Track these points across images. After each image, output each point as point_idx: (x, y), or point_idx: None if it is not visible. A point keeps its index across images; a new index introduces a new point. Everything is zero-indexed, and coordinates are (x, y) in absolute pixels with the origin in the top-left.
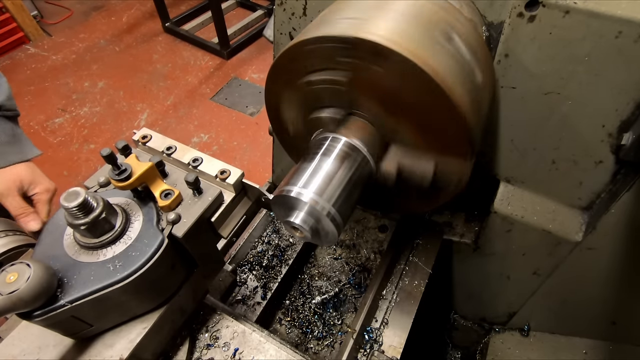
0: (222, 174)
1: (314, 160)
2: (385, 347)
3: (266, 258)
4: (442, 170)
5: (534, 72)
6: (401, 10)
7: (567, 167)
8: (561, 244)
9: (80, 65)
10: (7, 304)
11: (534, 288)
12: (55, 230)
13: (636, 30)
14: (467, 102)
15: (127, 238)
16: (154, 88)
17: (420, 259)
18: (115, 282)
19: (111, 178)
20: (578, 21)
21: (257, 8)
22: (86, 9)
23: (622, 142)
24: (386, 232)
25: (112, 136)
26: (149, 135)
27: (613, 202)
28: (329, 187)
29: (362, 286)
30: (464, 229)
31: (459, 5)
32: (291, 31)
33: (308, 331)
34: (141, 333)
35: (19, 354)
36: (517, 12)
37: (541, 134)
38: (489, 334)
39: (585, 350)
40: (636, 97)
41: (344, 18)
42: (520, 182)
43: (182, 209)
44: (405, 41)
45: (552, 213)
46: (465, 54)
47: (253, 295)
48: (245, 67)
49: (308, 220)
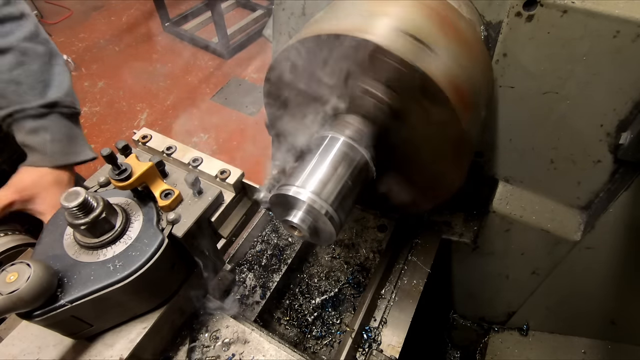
0: (222, 173)
1: (312, 160)
2: (383, 346)
3: (265, 257)
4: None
5: (532, 71)
6: (399, 9)
7: (566, 167)
8: (560, 244)
9: (80, 65)
10: (7, 303)
11: (533, 287)
12: (55, 230)
13: (634, 29)
14: (461, 103)
15: (127, 238)
16: (153, 88)
17: (419, 258)
18: (115, 282)
19: (111, 178)
20: (576, 21)
21: (257, 8)
22: (86, 8)
23: (620, 141)
24: (385, 232)
25: (112, 136)
26: (149, 135)
27: (611, 201)
28: (327, 186)
29: (361, 285)
30: (463, 229)
31: (457, 5)
32: (290, 31)
33: (307, 330)
34: (141, 333)
35: (19, 354)
36: (515, 11)
37: (539, 133)
38: (488, 333)
39: (584, 350)
40: (634, 97)
41: (342, 17)
42: (519, 182)
43: (182, 209)
44: (401, 40)
45: (551, 212)
46: (462, 53)
47: (252, 294)
48: (245, 67)
49: (306, 220)
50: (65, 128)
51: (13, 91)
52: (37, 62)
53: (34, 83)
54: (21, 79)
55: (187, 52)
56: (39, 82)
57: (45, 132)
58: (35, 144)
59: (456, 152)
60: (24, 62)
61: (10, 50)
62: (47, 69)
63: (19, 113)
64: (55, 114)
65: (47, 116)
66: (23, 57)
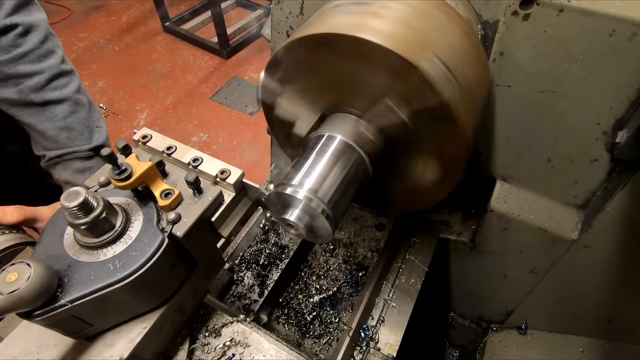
0: (222, 173)
1: (309, 159)
2: (381, 344)
3: (263, 256)
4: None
5: (529, 70)
6: (395, 8)
7: (563, 166)
8: (557, 242)
9: (79, 65)
10: (7, 303)
11: (531, 286)
12: (55, 229)
13: (630, 28)
14: (457, 100)
15: (127, 238)
16: (153, 87)
17: (417, 257)
18: (115, 281)
19: (111, 178)
20: (572, 19)
21: (256, 8)
22: (86, 8)
23: (616, 140)
24: (383, 231)
25: (112, 136)
26: (149, 135)
27: (608, 200)
28: (323, 185)
29: (359, 284)
30: (461, 228)
31: (454, 4)
32: (288, 30)
33: (305, 329)
34: (141, 333)
35: (19, 354)
36: (512, 10)
37: (537, 132)
38: (486, 332)
39: (582, 349)
40: (630, 95)
41: (339, 16)
42: (516, 181)
43: (182, 208)
44: (397, 39)
45: (548, 211)
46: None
47: (250, 293)
48: (244, 67)
49: (303, 218)
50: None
51: (66, 137)
52: (84, 110)
53: (82, 129)
54: (73, 125)
55: (186, 52)
56: (87, 129)
57: (91, 172)
58: (80, 182)
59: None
60: (75, 111)
61: (66, 101)
62: (90, 116)
63: (69, 154)
64: (98, 156)
65: (93, 158)
66: (75, 106)
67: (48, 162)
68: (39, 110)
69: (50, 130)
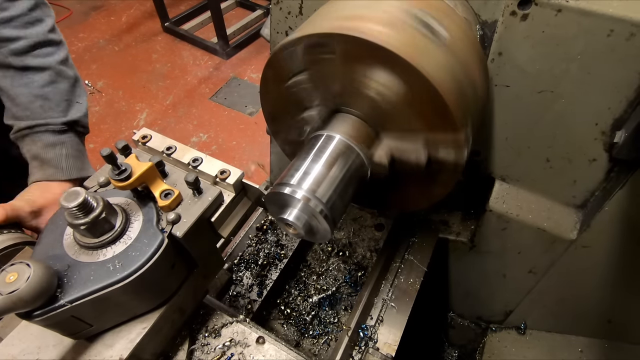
0: (222, 174)
1: (307, 159)
2: (380, 344)
3: (262, 256)
4: (436, 153)
5: (527, 70)
6: (391, 7)
7: (561, 165)
8: (556, 242)
9: (79, 65)
10: (7, 303)
11: (530, 286)
12: (55, 230)
13: (628, 28)
14: (450, 88)
15: (127, 238)
16: (153, 88)
17: (416, 257)
18: (115, 282)
19: (111, 178)
20: (570, 19)
21: (256, 8)
22: (85, 8)
23: (614, 140)
24: (382, 231)
25: (112, 136)
26: (149, 135)
27: (607, 199)
28: (322, 184)
29: (358, 284)
30: (460, 228)
31: (453, 4)
32: (287, 30)
33: (304, 329)
34: (141, 333)
35: (19, 354)
36: (510, 10)
37: (535, 132)
38: (485, 332)
39: (581, 349)
40: (628, 95)
41: (336, 15)
42: (515, 181)
43: (182, 209)
44: (394, 38)
45: (547, 211)
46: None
47: (249, 293)
48: (244, 67)
49: (301, 217)
50: (78, 145)
51: (39, 106)
52: (66, 83)
53: (60, 101)
54: (50, 95)
55: (186, 52)
56: (64, 101)
57: (62, 147)
58: (50, 157)
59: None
60: (55, 82)
61: (47, 70)
62: (72, 90)
63: (41, 127)
64: (72, 131)
65: (66, 133)
66: (56, 77)
67: (17, 134)
68: (16, 74)
69: (23, 97)
